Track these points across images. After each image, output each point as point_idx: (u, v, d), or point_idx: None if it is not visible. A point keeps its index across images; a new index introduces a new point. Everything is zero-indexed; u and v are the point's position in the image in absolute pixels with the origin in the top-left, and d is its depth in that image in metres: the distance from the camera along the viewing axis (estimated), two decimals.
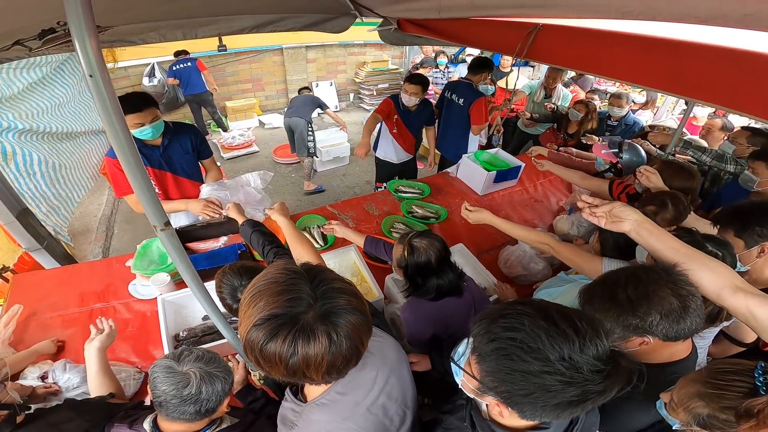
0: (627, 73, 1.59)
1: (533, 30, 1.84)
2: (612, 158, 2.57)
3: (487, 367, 0.74)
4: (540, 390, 0.68)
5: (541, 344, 0.68)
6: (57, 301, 2.05)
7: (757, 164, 2.06)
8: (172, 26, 2.21)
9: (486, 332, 0.75)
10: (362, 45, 8.04)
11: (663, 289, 0.99)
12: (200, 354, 1.05)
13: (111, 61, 5.61)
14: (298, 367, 0.73)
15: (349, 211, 2.85)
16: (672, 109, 6.04)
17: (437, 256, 1.49)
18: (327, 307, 0.74)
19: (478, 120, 3.55)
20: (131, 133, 1.92)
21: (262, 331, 0.72)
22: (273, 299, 0.73)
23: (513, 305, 0.77)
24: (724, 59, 1.27)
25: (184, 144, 2.30)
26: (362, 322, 0.77)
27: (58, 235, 3.54)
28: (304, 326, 0.71)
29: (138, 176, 0.70)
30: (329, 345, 0.72)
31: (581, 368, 0.66)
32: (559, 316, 0.71)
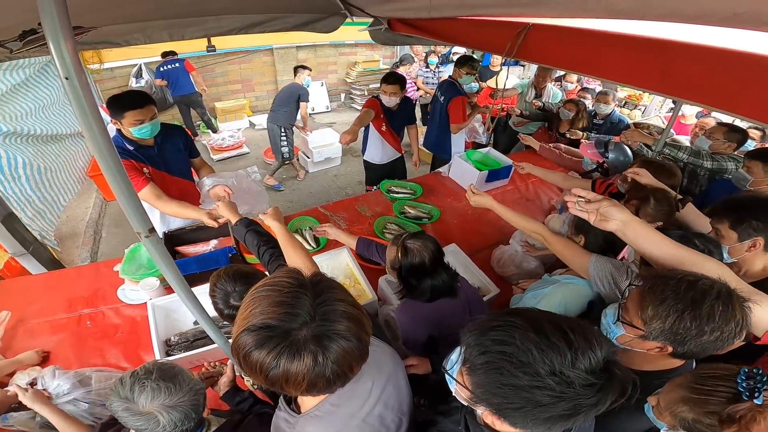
0: (615, 72, 1.59)
1: (523, 29, 1.84)
2: (599, 158, 2.59)
3: (478, 379, 0.73)
4: (530, 404, 0.67)
5: (531, 358, 0.67)
6: (44, 307, 2.02)
7: (753, 163, 2.09)
8: (159, 27, 2.17)
9: (476, 344, 0.74)
10: (353, 45, 8.01)
11: (738, 315, 0.94)
12: (155, 386, 0.96)
13: (97, 62, 5.51)
14: (277, 380, 0.72)
15: (342, 213, 2.83)
16: (659, 108, 6.12)
17: (431, 257, 1.48)
18: (323, 329, 0.72)
19: (455, 119, 3.58)
20: (130, 131, 1.93)
21: (251, 337, 0.71)
22: (270, 308, 0.72)
23: (504, 316, 0.75)
24: (711, 59, 1.27)
25: (176, 143, 2.29)
26: (356, 350, 0.75)
27: (45, 239, 3.48)
28: (293, 343, 0.70)
29: (120, 181, 0.67)
30: (313, 366, 0.71)
31: (573, 383, 0.65)
32: (552, 327, 0.70)
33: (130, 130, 1.98)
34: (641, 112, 6.18)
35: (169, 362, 1.07)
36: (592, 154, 2.62)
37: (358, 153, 6.27)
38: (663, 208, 1.81)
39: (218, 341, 1.06)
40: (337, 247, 2.28)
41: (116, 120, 1.97)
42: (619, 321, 1.08)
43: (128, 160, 2.06)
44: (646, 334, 0.99)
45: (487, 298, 1.98)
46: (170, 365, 1.05)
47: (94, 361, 1.79)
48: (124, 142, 2.06)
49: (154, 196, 2.10)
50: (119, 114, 1.93)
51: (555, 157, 3.14)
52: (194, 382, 1.04)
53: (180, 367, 1.06)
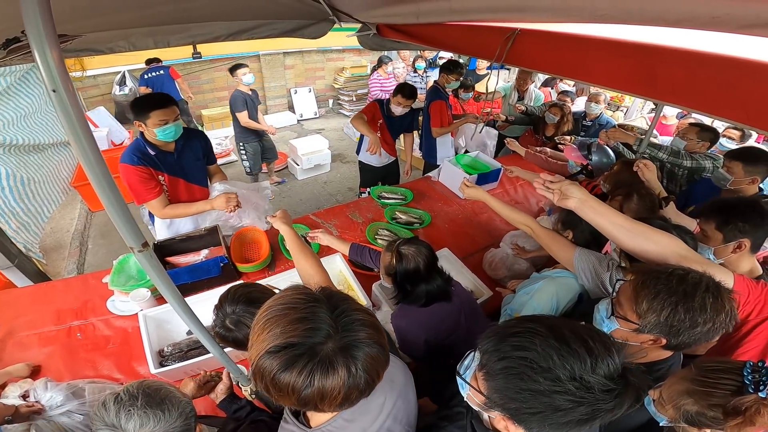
0: (602, 77, 1.62)
1: (511, 35, 1.86)
2: (583, 160, 2.63)
3: (496, 384, 0.74)
4: (549, 409, 0.68)
5: (552, 364, 0.68)
6: (33, 320, 1.99)
7: (733, 164, 2.11)
8: (143, 34, 2.14)
9: (495, 350, 0.75)
10: (340, 51, 8.02)
11: (728, 306, 0.97)
12: (142, 413, 0.89)
13: (79, 69, 5.43)
14: (312, 398, 0.70)
15: (333, 219, 2.83)
16: (641, 109, 6.25)
17: (425, 262, 1.49)
18: (347, 340, 0.71)
19: (434, 122, 3.64)
20: (155, 132, 1.93)
21: (276, 359, 0.69)
22: (290, 327, 0.70)
23: (524, 323, 0.77)
24: (692, 62, 1.30)
25: (196, 150, 2.28)
26: (381, 355, 0.75)
27: (29, 252, 3.41)
28: (323, 359, 0.69)
29: (110, 195, 0.64)
30: (347, 378, 0.70)
31: (592, 388, 0.67)
32: (571, 335, 0.71)
33: (154, 131, 1.97)
34: (623, 114, 6.29)
35: (155, 383, 0.99)
36: (576, 156, 2.67)
37: (348, 159, 6.31)
38: (645, 204, 1.87)
39: (214, 352, 1.04)
40: (330, 254, 2.28)
41: (140, 122, 1.97)
42: (613, 316, 1.10)
43: (146, 168, 2.05)
44: (641, 327, 1.02)
45: (481, 301, 1.99)
46: (156, 387, 0.97)
47: (87, 373, 1.77)
48: (147, 146, 2.06)
49: (160, 209, 2.12)
50: (144, 114, 1.93)
51: (541, 161, 3.19)
52: (183, 405, 0.97)
53: (167, 388, 1.00)
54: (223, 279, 2.11)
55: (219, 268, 2.08)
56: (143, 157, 2.05)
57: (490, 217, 2.95)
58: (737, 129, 3.08)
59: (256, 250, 2.42)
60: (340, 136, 7.17)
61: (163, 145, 2.10)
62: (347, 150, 6.64)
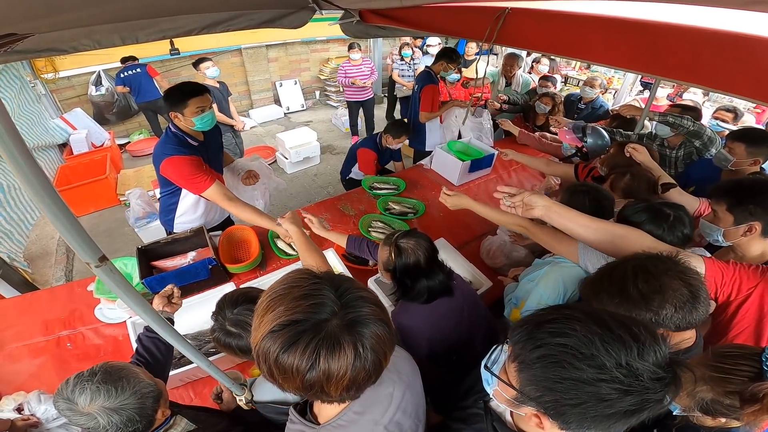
0: (602, 55, 1.58)
1: (501, 14, 1.80)
2: (577, 143, 2.59)
3: (532, 375, 0.68)
4: (593, 399, 0.62)
5: (595, 350, 0.63)
6: (21, 331, 1.95)
7: (735, 144, 2.07)
8: (107, 31, 2.01)
9: (530, 338, 0.69)
10: (325, 41, 7.86)
11: (674, 280, 0.97)
12: (94, 387, 0.94)
13: (51, 71, 5.23)
14: (317, 381, 0.66)
15: (324, 213, 2.76)
16: (630, 91, 6.22)
17: (426, 256, 1.43)
18: (352, 315, 0.68)
19: (423, 106, 3.55)
20: (193, 121, 1.92)
21: (279, 338, 0.65)
22: (293, 304, 0.67)
23: (559, 310, 0.72)
24: (699, 39, 1.27)
25: (217, 139, 2.32)
26: (387, 334, 0.71)
27: (14, 261, 3.31)
28: (328, 335, 0.65)
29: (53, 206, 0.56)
30: (354, 358, 0.66)
31: (641, 375, 0.61)
32: (613, 320, 0.66)
33: (193, 120, 1.97)
34: (612, 96, 6.27)
35: (120, 364, 1.04)
36: (570, 139, 2.62)
37: (337, 150, 6.24)
38: (635, 185, 1.84)
39: (198, 362, 0.98)
40: (323, 249, 2.22)
41: (177, 112, 1.96)
42: None
43: (197, 156, 2.03)
44: None
45: (481, 292, 1.95)
46: (119, 367, 1.02)
47: None
48: (186, 137, 2.05)
49: (222, 196, 2.03)
50: (182, 103, 1.93)
51: (535, 142, 3.13)
52: (142, 385, 1.01)
53: (131, 369, 1.03)
54: (213, 281, 2.05)
55: (208, 270, 2.02)
56: (188, 147, 2.03)
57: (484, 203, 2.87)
58: (729, 111, 3.04)
59: (245, 249, 2.35)
60: (328, 128, 7.07)
61: (196, 135, 2.10)
62: (336, 141, 6.55)
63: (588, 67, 7.13)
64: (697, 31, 1.27)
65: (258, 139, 6.68)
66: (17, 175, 0.52)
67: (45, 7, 1.03)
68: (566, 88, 7.09)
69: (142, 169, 5.21)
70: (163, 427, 1.07)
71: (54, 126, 5.11)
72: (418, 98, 3.63)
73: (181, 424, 1.11)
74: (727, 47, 1.21)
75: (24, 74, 4.80)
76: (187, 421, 1.13)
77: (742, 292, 1.22)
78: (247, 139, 6.60)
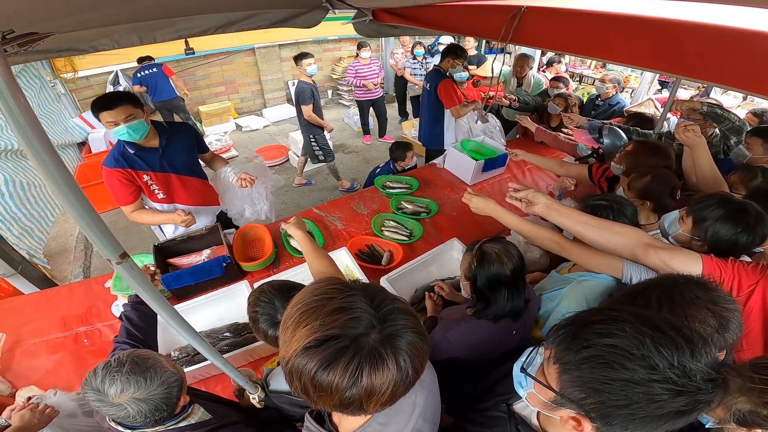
0: (624, 54, 1.54)
1: (517, 13, 1.77)
2: (593, 144, 2.54)
3: (576, 377, 0.66)
4: (644, 400, 0.61)
5: (646, 351, 0.61)
6: (39, 327, 1.98)
7: (753, 140, 2.06)
8: (126, 30, 2.06)
9: (575, 339, 0.68)
10: (337, 40, 7.87)
11: (701, 311, 0.92)
12: (124, 379, 0.96)
13: (70, 71, 5.35)
14: (357, 398, 0.63)
15: (337, 212, 2.76)
16: (648, 90, 6.10)
17: (512, 267, 1.29)
18: (391, 329, 0.65)
19: (449, 102, 3.51)
20: (112, 132, 1.86)
21: (317, 355, 0.61)
22: (329, 318, 0.63)
23: (604, 311, 0.71)
24: (728, 38, 1.23)
25: (182, 143, 2.22)
26: (424, 345, 0.68)
27: (33, 258, 3.38)
28: (371, 351, 0.62)
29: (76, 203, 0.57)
30: (396, 372, 0.63)
31: (694, 376, 0.60)
32: (664, 322, 0.65)
33: (112, 132, 1.90)
34: (629, 95, 6.15)
35: (146, 353, 1.05)
36: (586, 140, 2.57)
37: (349, 149, 6.24)
38: (655, 187, 1.74)
39: (215, 361, 0.98)
40: (336, 248, 2.23)
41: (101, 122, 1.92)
42: None
43: (126, 170, 2.03)
44: None
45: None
46: (145, 356, 1.03)
47: None
48: (126, 146, 2.01)
49: (128, 212, 2.11)
50: (96, 115, 1.87)
51: (551, 140, 3.08)
52: (168, 375, 1.02)
53: (156, 358, 1.05)
54: (227, 279, 2.07)
55: (222, 268, 2.03)
56: (124, 158, 2.01)
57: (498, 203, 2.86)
58: (756, 115, 2.98)
59: (259, 247, 2.37)
60: (341, 127, 7.08)
61: (144, 143, 2.03)
62: (349, 140, 6.56)
63: (603, 65, 7.01)
64: (722, 30, 1.24)
65: (271, 138, 6.73)
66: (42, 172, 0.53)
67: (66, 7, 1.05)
68: (581, 87, 6.98)
69: None
70: (182, 415, 1.09)
71: (73, 125, 5.21)
72: (433, 97, 3.60)
73: (198, 413, 1.12)
74: (755, 46, 1.17)
75: (44, 74, 4.91)
76: (203, 411, 1.14)
77: (742, 290, 1.18)
78: (260, 138, 6.66)
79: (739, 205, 1.31)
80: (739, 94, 5.24)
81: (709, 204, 1.34)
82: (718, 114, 2.39)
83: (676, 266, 1.17)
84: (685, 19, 1.32)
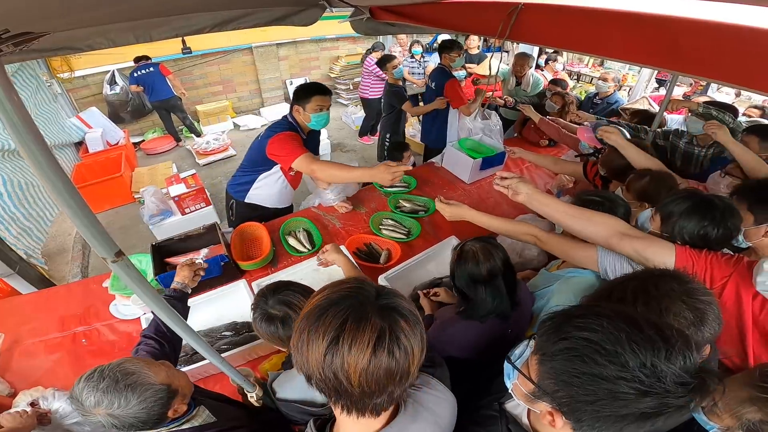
0: (619, 50, 1.55)
1: (514, 9, 1.77)
2: (596, 143, 2.54)
3: (552, 367, 0.67)
4: (609, 397, 0.61)
5: (620, 347, 0.61)
6: (37, 327, 1.98)
7: (750, 138, 2.07)
8: (121, 29, 2.05)
9: (555, 331, 0.68)
10: (335, 39, 7.86)
11: (676, 303, 0.91)
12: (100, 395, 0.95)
13: (67, 70, 5.32)
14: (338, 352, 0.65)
15: (335, 212, 2.76)
16: (645, 88, 6.11)
17: (492, 264, 1.29)
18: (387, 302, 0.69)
19: (456, 102, 3.53)
20: (310, 117, 2.23)
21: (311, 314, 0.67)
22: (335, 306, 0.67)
23: (589, 306, 0.72)
24: (722, 34, 1.24)
25: (313, 144, 2.52)
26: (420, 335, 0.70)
27: (31, 258, 3.37)
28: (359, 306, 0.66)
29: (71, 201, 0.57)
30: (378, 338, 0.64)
31: (664, 378, 0.59)
32: (645, 321, 0.65)
33: (310, 116, 2.21)
34: (627, 93, 6.16)
35: (132, 368, 1.01)
36: (588, 138, 2.56)
37: (348, 148, 6.24)
38: (653, 189, 1.77)
39: (213, 360, 0.99)
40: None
41: (300, 106, 2.21)
42: None
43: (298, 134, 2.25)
44: None
45: None
46: (130, 372, 1.00)
47: None
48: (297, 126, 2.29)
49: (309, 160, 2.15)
50: (307, 98, 2.18)
51: (554, 131, 3.08)
52: (150, 393, 0.99)
53: (141, 374, 1.01)
54: (225, 278, 2.07)
55: (220, 267, 2.03)
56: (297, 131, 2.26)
57: (496, 201, 2.87)
58: (758, 108, 2.99)
59: (257, 246, 2.37)
60: (338, 126, 7.07)
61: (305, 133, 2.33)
62: (346, 139, 6.55)
63: (601, 63, 7.01)
64: (718, 26, 1.24)
65: None
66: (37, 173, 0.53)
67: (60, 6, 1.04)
68: (579, 85, 6.98)
69: (156, 167, 5.28)
70: (185, 418, 1.08)
71: (70, 125, 5.20)
72: (438, 95, 3.62)
73: (202, 416, 1.12)
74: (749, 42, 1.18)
75: (40, 74, 4.89)
76: (208, 413, 1.13)
77: (715, 282, 1.19)
78: None
79: (704, 199, 1.32)
80: (731, 91, 5.26)
81: (675, 200, 1.36)
82: (714, 115, 2.41)
83: (650, 256, 1.20)
84: (680, 15, 1.33)
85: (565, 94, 3.68)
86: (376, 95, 5.63)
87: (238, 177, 2.61)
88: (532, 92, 4.22)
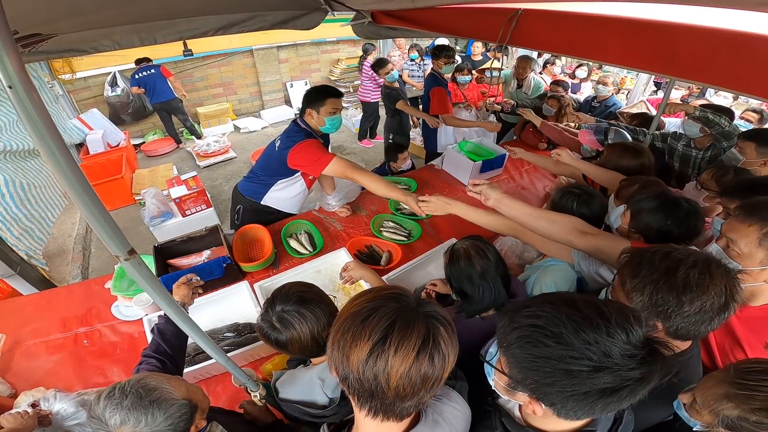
0: (617, 55, 1.58)
1: (514, 15, 1.80)
2: (597, 146, 2.56)
3: (512, 356, 0.72)
4: (565, 377, 0.65)
5: (563, 328, 0.66)
6: (38, 328, 1.98)
7: (746, 144, 2.06)
8: (127, 32, 2.07)
9: (509, 322, 0.73)
10: (335, 42, 7.89)
11: (720, 285, 0.91)
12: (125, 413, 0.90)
13: (68, 72, 5.35)
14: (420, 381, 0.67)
15: (336, 215, 2.77)
16: (643, 92, 6.14)
17: (484, 262, 1.33)
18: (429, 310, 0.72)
19: (432, 109, 3.62)
20: (324, 120, 2.19)
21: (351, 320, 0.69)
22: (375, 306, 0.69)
23: (538, 297, 0.76)
24: (717, 40, 1.26)
25: (327, 144, 2.48)
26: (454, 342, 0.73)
27: (32, 259, 3.38)
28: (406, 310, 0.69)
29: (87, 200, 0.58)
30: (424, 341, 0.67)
31: (610, 353, 0.63)
32: (584, 303, 0.69)
33: (324, 119, 2.17)
34: (625, 96, 6.19)
35: (152, 382, 0.97)
36: (590, 141, 2.58)
37: (348, 150, 6.25)
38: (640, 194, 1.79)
39: (219, 359, 1.00)
40: (335, 249, 2.25)
41: (314, 109, 2.16)
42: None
43: (313, 138, 2.20)
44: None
45: None
46: (151, 387, 0.95)
47: (97, 380, 1.76)
48: (311, 131, 2.25)
49: (342, 165, 2.12)
50: (320, 101, 2.13)
51: (555, 134, 3.10)
52: (175, 408, 0.95)
53: (164, 389, 0.96)
54: (227, 280, 2.08)
55: (222, 268, 2.04)
56: (314, 137, 2.22)
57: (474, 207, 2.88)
58: (756, 112, 3.00)
59: (259, 248, 2.38)
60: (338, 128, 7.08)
61: (323, 132, 2.30)
62: (346, 142, 6.57)
63: (600, 67, 7.05)
64: (713, 31, 1.27)
65: (269, 139, 6.69)
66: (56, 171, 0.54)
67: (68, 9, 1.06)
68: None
69: (157, 168, 5.29)
70: None
71: (71, 126, 5.21)
72: (428, 101, 3.69)
73: (215, 429, 1.10)
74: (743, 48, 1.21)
75: (42, 75, 4.91)
76: (221, 428, 1.12)
77: None
78: (258, 140, 6.66)
79: (672, 199, 1.38)
80: (729, 95, 5.30)
81: (645, 197, 1.43)
82: (710, 119, 2.42)
83: (606, 250, 1.27)
84: (677, 21, 1.35)
85: (561, 97, 3.70)
86: (376, 99, 5.66)
87: (252, 185, 2.52)
88: (533, 95, 4.24)
